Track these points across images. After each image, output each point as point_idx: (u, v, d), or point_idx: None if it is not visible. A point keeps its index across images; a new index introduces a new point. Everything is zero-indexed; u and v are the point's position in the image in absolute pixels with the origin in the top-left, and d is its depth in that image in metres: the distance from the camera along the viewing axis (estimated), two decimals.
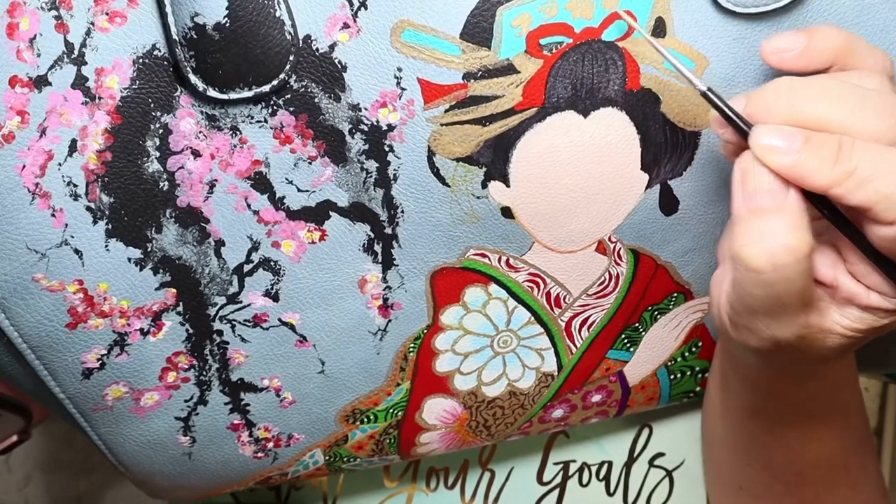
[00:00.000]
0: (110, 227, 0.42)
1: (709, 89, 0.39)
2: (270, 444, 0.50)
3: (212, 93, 0.40)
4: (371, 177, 0.43)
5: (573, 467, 0.62)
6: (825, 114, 0.36)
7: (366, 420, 0.51)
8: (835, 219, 0.38)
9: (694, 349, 0.54)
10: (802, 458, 0.50)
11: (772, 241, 0.35)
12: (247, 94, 0.40)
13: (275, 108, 0.41)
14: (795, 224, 0.35)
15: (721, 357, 0.50)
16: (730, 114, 0.38)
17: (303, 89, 0.41)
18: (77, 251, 0.42)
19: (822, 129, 0.36)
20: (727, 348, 0.48)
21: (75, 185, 0.41)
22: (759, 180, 0.36)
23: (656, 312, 0.51)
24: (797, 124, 0.36)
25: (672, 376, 0.55)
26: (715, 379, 0.53)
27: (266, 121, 0.41)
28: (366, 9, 0.40)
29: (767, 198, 0.36)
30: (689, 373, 0.55)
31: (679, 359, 0.54)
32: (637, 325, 0.51)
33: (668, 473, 0.63)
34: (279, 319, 0.46)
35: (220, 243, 0.43)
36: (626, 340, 0.51)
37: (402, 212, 0.44)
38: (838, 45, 0.38)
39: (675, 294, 0.50)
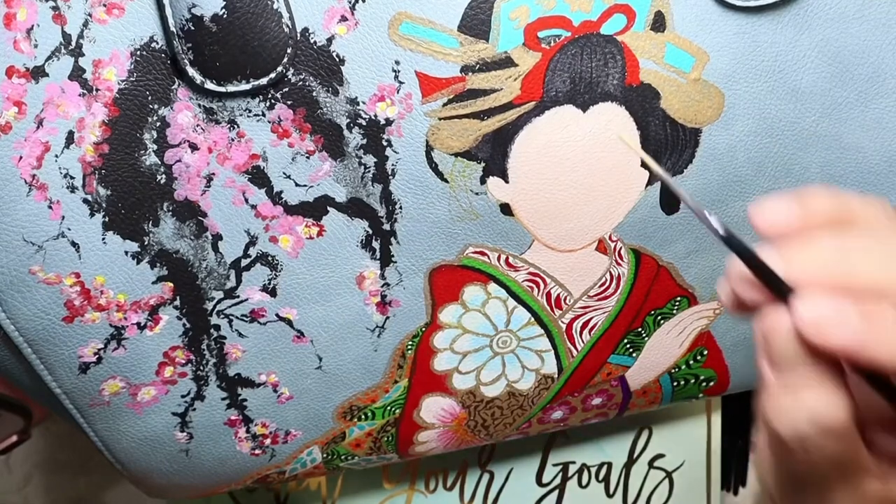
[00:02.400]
0: (107, 219, 0.42)
1: (730, 236, 0.33)
2: (268, 441, 0.50)
3: (209, 86, 0.40)
4: (369, 172, 0.43)
5: (572, 468, 0.62)
6: (880, 278, 0.31)
7: (363, 417, 0.50)
8: (880, 388, 0.33)
9: (699, 357, 0.53)
10: None
11: (805, 415, 0.31)
12: (244, 86, 0.40)
13: (272, 101, 0.41)
14: (832, 393, 0.31)
15: None
16: (765, 274, 0.32)
17: (301, 83, 0.41)
18: (74, 244, 0.42)
19: (875, 295, 0.30)
20: None
21: (72, 177, 0.41)
22: (787, 349, 0.31)
23: (660, 317, 0.51)
24: (848, 288, 0.30)
25: (675, 383, 0.54)
26: None
27: (264, 114, 0.41)
28: (363, 1, 0.40)
29: (797, 370, 0.31)
30: (693, 381, 0.55)
31: (683, 366, 0.53)
32: (640, 329, 0.51)
33: (668, 475, 0.63)
34: (276, 315, 0.46)
35: (217, 237, 0.43)
36: (628, 345, 0.51)
37: (401, 208, 0.44)
38: (832, 208, 0.33)
39: (679, 298, 0.50)
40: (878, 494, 0.34)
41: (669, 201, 0.46)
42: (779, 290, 0.31)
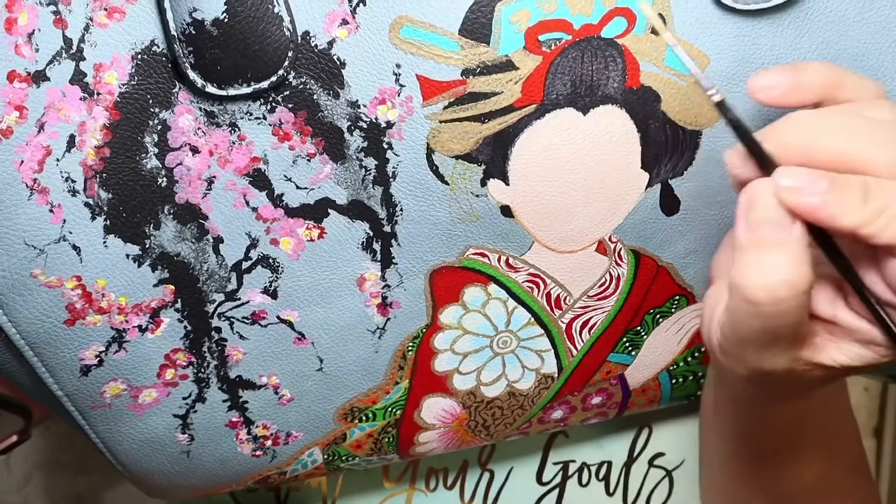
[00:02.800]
0: (108, 223, 0.42)
1: (727, 108, 0.37)
2: (269, 442, 0.50)
3: (210, 89, 0.40)
4: (370, 174, 0.43)
5: (573, 467, 0.62)
6: (845, 148, 0.35)
7: (364, 418, 0.50)
8: (836, 259, 0.37)
9: (697, 354, 0.53)
10: (791, 483, 0.49)
11: (773, 274, 0.35)
12: (245, 90, 0.40)
13: (273, 104, 0.41)
14: (798, 258, 0.35)
15: (711, 373, 0.50)
16: (753, 147, 0.36)
17: (301, 86, 0.41)
18: (75, 247, 0.42)
19: (841, 164, 0.35)
20: (717, 364, 0.47)
21: (73, 181, 0.40)
22: (765, 211, 0.35)
23: (658, 316, 0.51)
24: (815, 159, 0.35)
25: (674, 380, 0.54)
26: (707, 397, 0.52)
27: (265, 117, 0.41)
28: (364, 5, 0.40)
29: (772, 230, 0.35)
30: (691, 377, 0.55)
31: (681, 363, 0.54)
32: (639, 328, 0.51)
33: (668, 473, 0.63)
34: (277, 317, 0.46)
35: (218, 240, 0.43)
36: (627, 344, 0.51)
37: (401, 210, 0.44)
38: (826, 80, 0.37)
39: (678, 297, 0.50)
40: (807, 359, 0.39)
41: (669, 203, 0.46)
42: (765, 163, 0.36)
